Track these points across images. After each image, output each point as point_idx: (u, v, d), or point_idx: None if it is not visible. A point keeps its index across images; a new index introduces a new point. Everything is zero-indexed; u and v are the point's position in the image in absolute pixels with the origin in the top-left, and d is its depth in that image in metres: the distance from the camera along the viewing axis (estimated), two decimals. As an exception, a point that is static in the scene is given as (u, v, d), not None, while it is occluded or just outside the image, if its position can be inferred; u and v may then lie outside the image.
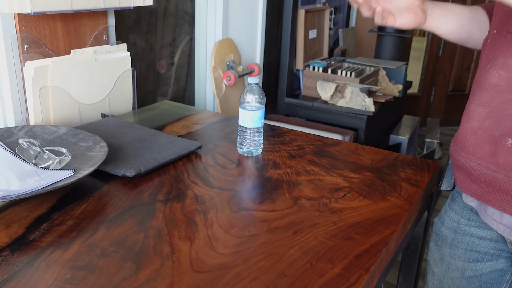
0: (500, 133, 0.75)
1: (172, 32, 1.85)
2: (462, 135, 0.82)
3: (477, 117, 0.79)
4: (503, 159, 0.75)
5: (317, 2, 2.35)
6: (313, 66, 2.15)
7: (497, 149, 0.75)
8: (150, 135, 1.09)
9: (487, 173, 0.77)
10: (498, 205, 0.78)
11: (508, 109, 0.74)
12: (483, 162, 0.78)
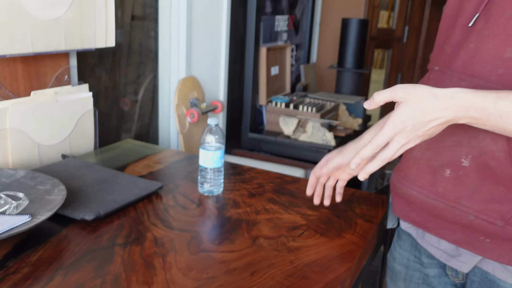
0: (439, 164, 0.80)
1: (136, 69, 1.87)
2: (405, 165, 0.87)
3: (418, 148, 0.84)
4: (442, 188, 0.79)
5: (279, 40, 2.43)
6: (276, 101, 2.21)
7: (436, 178, 0.80)
8: (110, 176, 1.10)
9: (427, 201, 0.82)
10: (436, 231, 0.83)
11: (446, 141, 0.79)
12: (424, 190, 0.82)
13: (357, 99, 2.43)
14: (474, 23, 0.77)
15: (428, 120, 0.69)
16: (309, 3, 2.73)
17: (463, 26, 0.80)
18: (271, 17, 2.32)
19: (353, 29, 2.65)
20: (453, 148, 0.78)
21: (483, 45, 0.75)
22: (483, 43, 0.75)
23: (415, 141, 0.72)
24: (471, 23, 0.78)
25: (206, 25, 1.97)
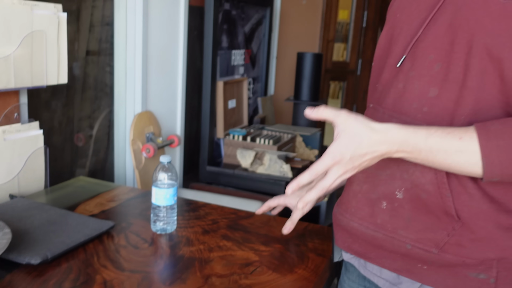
0: (376, 196, 0.84)
1: (91, 104, 1.85)
2: (345, 198, 0.90)
3: (357, 181, 0.87)
4: (380, 219, 0.83)
5: (236, 74, 2.47)
6: (233, 134, 2.23)
7: (374, 210, 0.84)
8: (60, 217, 1.07)
9: (367, 233, 0.85)
10: (377, 261, 0.86)
11: (381, 175, 0.83)
12: (364, 222, 0.85)
13: (313, 131, 2.49)
14: (402, 64, 0.83)
15: (365, 153, 0.75)
16: (265, 38, 2.80)
17: (392, 66, 0.86)
18: (227, 52, 2.36)
19: (308, 63, 2.73)
20: (388, 181, 0.82)
21: (410, 85, 0.81)
22: (410, 83, 0.81)
23: (351, 171, 0.77)
24: (399, 64, 0.83)
25: (163, 59, 1.98)
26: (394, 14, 0.90)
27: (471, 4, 0.75)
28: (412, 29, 0.83)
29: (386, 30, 0.91)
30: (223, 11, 2.26)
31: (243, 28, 2.52)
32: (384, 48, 0.91)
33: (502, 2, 0.72)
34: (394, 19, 0.89)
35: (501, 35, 0.72)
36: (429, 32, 0.80)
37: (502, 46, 0.72)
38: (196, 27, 2.26)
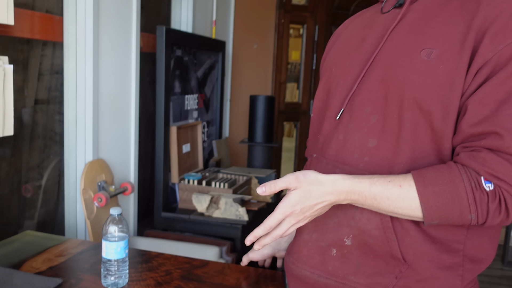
0: (326, 244, 0.86)
1: (40, 154, 1.81)
2: (296, 247, 0.92)
3: (307, 230, 0.89)
4: (331, 267, 0.85)
5: (189, 118, 2.49)
6: (188, 179, 2.22)
7: (325, 258, 0.86)
8: (4, 276, 1.03)
9: (320, 281, 0.86)
10: None
11: (329, 223, 0.86)
12: (316, 270, 0.87)
13: (269, 172, 2.51)
14: (341, 117, 0.88)
15: (315, 204, 0.80)
16: (218, 82, 2.84)
17: (332, 118, 0.90)
18: (180, 97, 2.38)
19: (261, 105, 2.78)
20: (336, 229, 0.85)
21: (350, 136, 0.86)
22: (350, 135, 0.86)
23: (304, 221, 0.82)
24: (338, 117, 0.88)
25: (114, 106, 1.97)
26: (330, 68, 0.95)
27: (399, 61, 0.82)
28: (348, 83, 0.89)
29: (323, 83, 0.97)
30: (175, 57, 2.29)
31: (195, 73, 2.55)
32: (322, 101, 0.95)
33: (426, 60, 0.79)
34: (329, 73, 0.95)
35: (428, 90, 0.78)
36: (364, 87, 0.86)
37: (430, 100, 0.78)
38: (148, 73, 2.27)
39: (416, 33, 0.82)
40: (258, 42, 3.42)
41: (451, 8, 0.82)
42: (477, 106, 0.76)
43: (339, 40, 0.99)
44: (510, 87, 0.74)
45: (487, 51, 0.76)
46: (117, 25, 1.95)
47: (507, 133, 0.73)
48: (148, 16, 2.32)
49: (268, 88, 3.54)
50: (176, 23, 2.61)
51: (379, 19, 0.91)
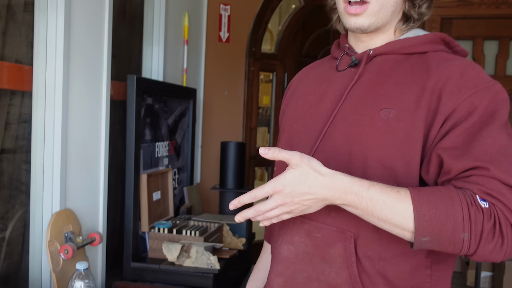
0: None
1: (5, 204, 1.76)
2: None
3: (276, 285, 0.89)
4: None
5: (160, 165, 2.48)
6: (158, 227, 2.18)
7: None
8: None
9: None
10: None
11: (298, 278, 0.86)
12: None
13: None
14: None
15: (306, 192, 0.77)
16: (189, 128, 2.86)
17: None
18: (151, 144, 2.38)
19: (231, 152, 2.80)
20: (306, 283, 0.85)
21: None
22: None
23: (290, 206, 0.78)
24: None
25: (83, 155, 1.95)
26: (291, 124, 0.99)
27: (361, 120, 0.86)
28: (310, 140, 0.92)
29: (284, 138, 1.00)
30: (146, 105, 2.30)
31: (166, 121, 2.56)
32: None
33: (386, 119, 0.84)
34: (291, 129, 0.98)
35: (390, 147, 0.83)
36: (327, 144, 0.89)
37: (392, 156, 0.83)
38: (118, 121, 2.27)
39: (374, 94, 0.87)
40: (229, 89, 3.48)
41: (402, 70, 0.88)
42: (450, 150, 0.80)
43: (296, 94, 1.03)
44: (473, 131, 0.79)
45: (447, 108, 0.82)
46: (88, 74, 1.96)
47: (489, 164, 0.76)
48: (119, 65, 2.34)
49: (239, 133, 3.57)
50: (147, 71, 2.64)
51: (336, 77, 0.96)
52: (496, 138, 0.78)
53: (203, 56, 3.28)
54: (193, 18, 3.08)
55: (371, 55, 0.93)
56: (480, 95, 0.82)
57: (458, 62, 0.87)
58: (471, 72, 0.85)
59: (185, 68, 2.95)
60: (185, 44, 2.93)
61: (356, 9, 0.88)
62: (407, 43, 0.92)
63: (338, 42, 1.03)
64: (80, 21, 1.89)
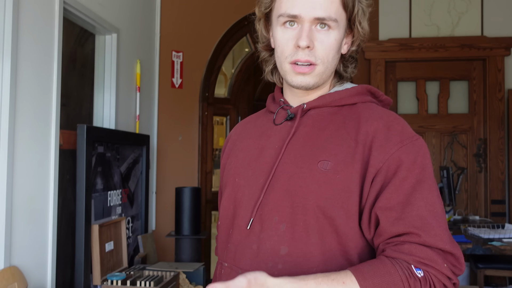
0: None
1: None
2: None
3: None
4: None
5: (113, 215, 2.42)
6: (111, 279, 2.10)
7: None
8: None
9: None
10: None
11: None
12: None
13: (196, 266, 2.45)
14: (252, 226, 0.92)
15: None
16: (142, 175, 2.82)
17: (241, 228, 0.94)
18: (103, 194, 2.32)
19: (186, 197, 2.77)
20: None
21: (262, 245, 0.89)
22: (262, 244, 0.89)
23: None
24: (249, 227, 0.92)
25: (31, 208, 1.88)
26: (233, 178, 1.00)
27: (300, 173, 0.90)
28: (254, 194, 0.94)
29: (227, 192, 1.01)
30: (97, 154, 2.26)
31: (119, 168, 2.52)
32: (229, 209, 0.99)
33: (324, 171, 0.88)
34: (233, 183, 0.99)
35: (329, 198, 0.87)
36: (270, 197, 0.91)
37: (331, 206, 0.87)
38: (68, 171, 2.21)
39: (311, 146, 0.91)
40: (183, 134, 3.49)
41: (336, 122, 0.93)
42: (386, 212, 0.85)
43: (236, 149, 1.05)
44: (405, 189, 0.85)
45: (377, 162, 0.87)
46: (36, 123, 1.92)
47: (420, 231, 0.82)
48: (70, 113, 2.31)
49: (194, 178, 3.55)
50: (98, 119, 2.61)
51: (274, 131, 0.99)
52: (428, 199, 0.85)
53: (156, 102, 3.29)
54: (145, 65, 3.10)
55: (305, 108, 0.98)
56: (406, 150, 0.88)
57: (385, 115, 0.94)
58: (397, 126, 0.91)
59: (138, 115, 2.94)
60: (137, 91, 2.93)
61: (304, 69, 0.93)
62: (337, 96, 0.98)
63: (273, 96, 1.08)
64: (28, 70, 1.87)
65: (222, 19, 3.61)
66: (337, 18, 0.92)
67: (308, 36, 0.91)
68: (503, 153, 4.11)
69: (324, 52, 0.93)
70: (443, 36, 4.24)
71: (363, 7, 0.96)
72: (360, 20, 0.96)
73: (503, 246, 2.73)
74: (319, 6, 0.91)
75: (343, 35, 0.96)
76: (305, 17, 0.91)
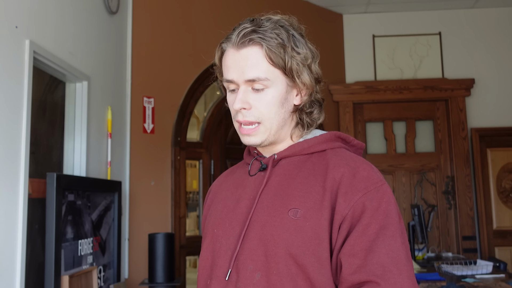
0: None
1: None
2: None
3: None
4: None
5: (83, 264, 2.35)
6: (82, 333, 2.02)
7: None
8: None
9: None
10: None
11: None
12: None
13: (171, 315, 2.38)
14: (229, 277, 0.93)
15: None
16: (114, 222, 2.77)
17: (220, 278, 0.95)
18: (73, 243, 2.26)
19: (160, 244, 2.73)
20: None
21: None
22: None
23: None
24: (227, 278, 0.93)
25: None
26: (212, 229, 1.02)
27: (271, 221, 0.93)
28: (231, 244, 0.96)
29: (206, 243, 1.02)
30: (67, 202, 2.22)
31: (90, 216, 2.47)
32: (207, 260, 1.00)
33: (294, 219, 0.91)
34: (212, 234, 1.01)
35: (300, 246, 0.89)
36: (245, 246, 0.94)
37: (303, 254, 0.89)
38: (37, 220, 2.16)
39: (282, 195, 0.94)
40: (155, 179, 3.46)
41: (305, 170, 0.97)
42: (349, 258, 0.87)
43: (216, 200, 1.08)
44: (369, 235, 0.88)
45: (343, 208, 0.90)
46: (3, 172, 1.88)
47: (380, 279, 0.85)
48: (39, 161, 2.28)
49: (168, 223, 3.50)
50: (69, 167, 2.57)
51: (249, 181, 1.02)
52: (391, 245, 0.87)
53: (127, 148, 3.27)
54: (117, 111, 3.11)
55: (276, 159, 1.01)
56: (370, 196, 0.91)
57: (352, 161, 0.97)
58: (363, 172, 0.94)
59: (109, 161, 2.91)
60: (108, 137, 2.92)
61: (248, 130, 0.98)
62: (306, 144, 1.01)
63: (249, 149, 1.12)
64: (-4, 120, 1.85)
65: (193, 64, 3.67)
66: (267, 76, 0.96)
67: (241, 99, 0.97)
68: (471, 190, 4.23)
69: (262, 110, 0.97)
70: (407, 79, 4.42)
71: (298, 61, 0.98)
72: (297, 73, 0.98)
73: (476, 283, 2.76)
74: (247, 69, 0.96)
75: (284, 89, 0.99)
76: (238, 81, 0.98)
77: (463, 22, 4.49)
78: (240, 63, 0.96)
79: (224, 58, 1.00)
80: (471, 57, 4.43)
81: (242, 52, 0.96)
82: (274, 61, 0.96)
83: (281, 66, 0.97)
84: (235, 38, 0.97)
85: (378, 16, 4.56)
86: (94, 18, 2.81)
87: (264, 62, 0.96)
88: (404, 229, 0.93)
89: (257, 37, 0.95)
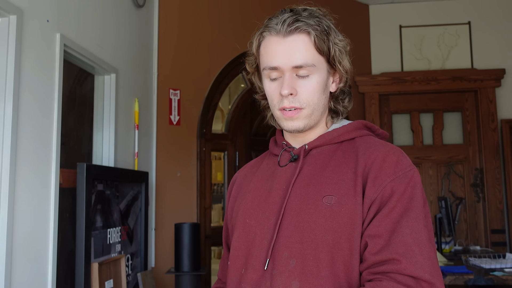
0: None
1: None
2: None
3: None
4: None
5: (112, 252, 2.41)
6: (111, 319, 2.08)
7: None
8: None
9: None
10: None
11: None
12: None
13: (197, 303, 2.43)
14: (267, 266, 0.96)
15: None
16: (141, 212, 2.83)
17: (256, 267, 0.97)
18: (102, 231, 2.32)
19: (186, 233, 2.77)
20: None
21: (275, 282, 0.93)
22: (274, 280, 0.93)
23: None
24: (266, 267, 0.96)
25: (31, 247, 1.88)
26: (243, 219, 1.04)
27: (307, 209, 0.94)
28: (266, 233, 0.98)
29: (238, 233, 1.04)
30: (96, 192, 2.28)
31: (118, 206, 2.53)
32: (240, 249, 1.02)
33: (329, 205, 0.92)
34: (244, 224, 1.03)
35: (336, 231, 0.91)
36: (280, 234, 0.96)
37: (339, 239, 0.91)
38: (68, 209, 2.22)
39: (314, 183, 0.96)
40: (181, 170, 3.51)
41: (336, 158, 0.99)
42: (374, 239, 0.90)
43: (243, 191, 1.10)
44: (394, 217, 0.90)
45: (372, 193, 0.93)
46: (36, 162, 1.95)
47: (402, 257, 0.87)
48: (69, 152, 2.34)
49: (193, 214, 3.55)
50: (98, 157, 2.64)
51: (279, 172, 1.04)
52: (414, 227, 0.90)
53: (154, 139, 3.32)
54: (143, 103, 3.16)
55: (307, 149, 1.04)
56: (398, 181, 0.93)
57: (381, 147, 0.99)
58: (392, 157, 0.96)
59: (137, 152, 2.97)
60: (136, 129, 2.98)
61: (291, 113, 1.00)
62: (335, 133, 1.04)
63: (275, 139, 1.14)
64: (29, 110, 1.91)
65: (218, 57, 3.70)
66: (314, 63, 1.00)
67: (289, 85, 0.99)
68: (500, 183, 4.14)
69: (307, 96, 1.00)
70: (434, 69, 4.34)
71: (339, 48, 1.03)
72: (339, 59, 1.03)
73: (505, 276, 2.72)
74: (295, 55, 0.99)
75: (325, 76, 1.03)
76: (284, 67, 0.99)
77: (493, 11, 4.37)
78: (287, 49, 0.98)
79: (266, 46, 1.02)
80: (501, 47, 4.32)
81: (289, 39, 0.99)
82: (320, 48, 0.99)
83: (325, 53, 1.01)
84: (280, 26, 0.99)
85: (405, 6, 4.48)
86: (122, 12, 2.85)
87: (311, 49, 0.99)
88: (428, 213, 0.95)
89: (304, 24, 0.98)
